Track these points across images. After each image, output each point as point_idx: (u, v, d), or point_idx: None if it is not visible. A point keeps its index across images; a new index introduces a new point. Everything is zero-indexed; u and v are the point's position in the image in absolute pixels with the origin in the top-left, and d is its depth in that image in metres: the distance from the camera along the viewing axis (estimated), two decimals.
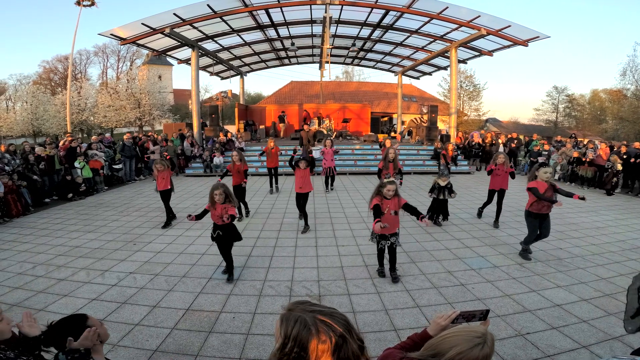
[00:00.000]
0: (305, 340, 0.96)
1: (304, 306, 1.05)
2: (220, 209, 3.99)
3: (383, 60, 19.20)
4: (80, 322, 1.50)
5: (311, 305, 1.05)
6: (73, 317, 1.56)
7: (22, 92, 28.87)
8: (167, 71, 44.10)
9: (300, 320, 0.99)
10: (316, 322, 0.98)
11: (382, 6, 11.63)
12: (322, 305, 1.07)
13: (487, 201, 6.49)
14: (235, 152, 6.74)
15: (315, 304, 1.07)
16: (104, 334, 1.57)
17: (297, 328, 0.98)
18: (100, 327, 1.54)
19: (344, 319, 1.03)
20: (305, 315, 1.00)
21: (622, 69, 26.33)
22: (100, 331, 1.53)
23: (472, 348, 1.07)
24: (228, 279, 4.05)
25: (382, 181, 4.04)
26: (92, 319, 1.56)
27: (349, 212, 7.15)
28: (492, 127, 32.83)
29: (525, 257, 4.69)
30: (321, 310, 1.02)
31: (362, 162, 13.00)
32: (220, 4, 11.04)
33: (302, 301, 1.09)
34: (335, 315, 1.02)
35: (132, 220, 6.68)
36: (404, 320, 3.22)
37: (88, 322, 1.52)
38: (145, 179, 11.74)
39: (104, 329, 1.59)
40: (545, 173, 4.51)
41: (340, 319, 1.01)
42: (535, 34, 11.34)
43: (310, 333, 0.96)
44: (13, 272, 4.31)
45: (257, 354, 2.75)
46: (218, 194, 3.98)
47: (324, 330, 0.96)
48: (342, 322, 1.01)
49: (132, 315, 3.31)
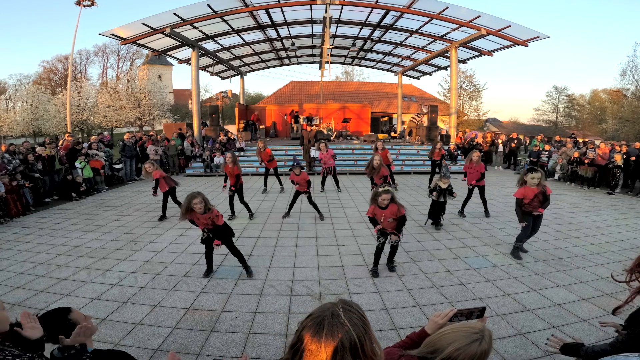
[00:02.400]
0: (308, 340, 0.98)
1: (330, 314, 1.01)
2: (204, 219, 3.82)
3: (383, 60, 19.21)
4: (63, 315, 1.51)
5: (339, 316, 1.00)
6: (56, 310, 1.56)
7: (22, 92, 28.86)
8: (167, 71, 44.13)
9: (316, 323, 1.00)
10: (325, 328, 0.98)
11: (382, 6, 11.64)
12: (346, 319, 1.00)
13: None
14: (229, 154, 6.54)
15: (341, 317, 1.00)
16: (90, 327, 1.56)
17: (309, 329, 1.00)
18: (85, 320, 1.54)
19: (353, 337, 0.97)
20: (325, 323, 0.98)
21: (622, 69, 26.46)
22: (87, 324, 1.53)
23: (470, 344, 1.08)
24: (248, 274, 4.13)
25: (377, 190, 4.00)
26: (75, 312, 1.56)
27: (349, 211, 7.16)
28: (492, 127, 32.84)
29: (516, 257, 4.66)
30: (333, 324, 0.98)
31: (362, 162, 12.99)
32: (220, 4, 11.05)
33: (349, 302, 1.05)
34: (349, 329, 0.97)
35: (132, 220, 6.68)
36: (405, 320, 3.23)
37: (70, 315, 1.53)
38: (146, 179, 11.72)
39: (90, 323, 1.57)
40: (532, 179, 4.35)
41: (347, 336, 0.96)
42: (535, 34, 11.35)
43: (315, 336, 0.97)
44: (14, 272, 4.32)
45: (259, 353, 2.76)
46: (197, 202, 3.68)
47: (327, 338, 0.96)
48: (348, 339, 0.96)
49: (133, 314, 3.32)
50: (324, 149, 8.70)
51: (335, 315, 0.99)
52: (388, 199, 3.87)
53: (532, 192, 4.42)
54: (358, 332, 0.97)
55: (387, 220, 3.98)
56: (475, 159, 6.48)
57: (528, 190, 4.43)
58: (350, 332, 0.96)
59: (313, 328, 0.98)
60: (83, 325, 1.41)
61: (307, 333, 0.98)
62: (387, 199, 3.86)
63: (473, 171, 6.52)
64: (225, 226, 4.07)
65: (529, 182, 4.42)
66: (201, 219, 3.84)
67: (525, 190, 4.45)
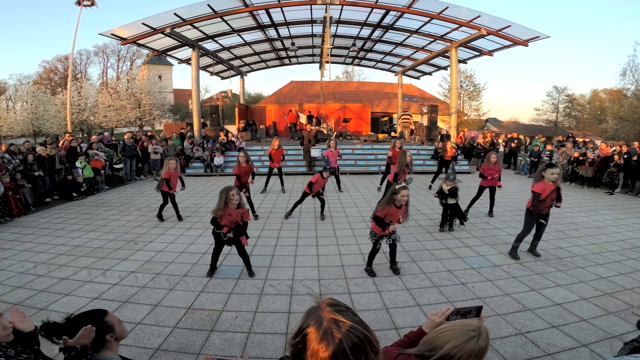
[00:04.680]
0: (310, 341, 0.96)
1: (333, 310, 0.99)
2: (236, 215, 3.80)
3: (383, 60, 19.21)
4: (98, 317, 1.51)
5: (340, 311, 0.99)
6: (92, 312, 1.56)
7: (22, 92, 28.88)
8: (168, 71, 44.15)
9: (318, 322, 0.97)
10: (327, 330, 0.95)
11: (383, 6, 11.64)
12: (351, 316, 0.99)
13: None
14: (242, 153, 6.55)
15: (345, 312, 0.99)
16: (120, 331, 1.58)
17: (311, 327, 0.97)
18: (117, 325, 1.56)
19: (360, 339, 0.95)
20: (324, 319, 0.97)
21: (622, 69, 26.45)
22: (117, 329, 1.55)
23: (468, 341, 1.08)
24: (250, 274, 4.11)
25: (394, 187, 3.86)
26: (110, 315, 1.57)
27: (349, 211, 7.16)
28: (492, 127, 32.86)
29: (514, 257, 4.66)
30: (339, 322, 0.96)
31: (362, 162, 13.02)
32: (220, 4, 11.06)
33: (336, 303, 1.02)
34: (351, 332, 0.95)
35: (133, 220, 6.69)
36: (405, 319, 3.24)
37: (106, 318, 1.53)
38: (146, 179, 11.74)
39: (121, 327, 1.60)
40: (552, 174, 4.36)
41: (355, 337, 0.94)
42: (535, 33, 11.36)
43: (317, 337, 0.95)
44: (14, 272, 4.32)
45: (259, 352, 2.77)
46: (234, 193, 3.73)
47: (327, 340, 0.94)
48: (355, 340, 0.94)
49: (133, 314, 3.32)
50: (333, 146, 8.65)
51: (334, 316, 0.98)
52: (408, 195, 3.80)
53: (549, 188, 4.39)
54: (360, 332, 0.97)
55: (397, 220, 3.92)
56: (494, 160, 6.48)
57: (547, 185, 4.40)
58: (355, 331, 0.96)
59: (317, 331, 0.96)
60: (87, 327, 1.41)
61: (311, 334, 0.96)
62: (407, 194, 3.79)
63: (493, 172, 6.50)
64: (245, 227, 4.09)
65: (547, 177, 4.39)
66: (233, 214, 3.82)
67: (544, 186, 4.41)
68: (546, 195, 4.42)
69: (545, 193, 4.42)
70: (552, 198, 4.43)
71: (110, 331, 1.51)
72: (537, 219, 4.56)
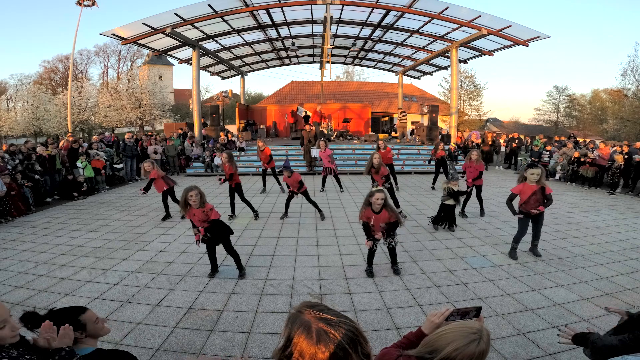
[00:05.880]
0: (305, 347, 0.95)
1: (314, 311, 1.00)
2: (200, 214, 3.78)
3: (384, 60, 19.21)
4: (74, 315, 1.51)
5: (322, 310, 1.01)
6: (70, 309, 1.56)
7: (23, 92, 28.91)
8: (168, 71, 44.15)
9: (305, 326, 0.97)
10: (320, 331, 0.95)
11: (383, 6, 11.65)
12: (334, 312, 1.01)
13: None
14: (224, 153, 6.54)
15: (327, 309, 1.02)
16: (94, 330, 1.56)
17: (300, 333, 0.97)
18: (91, 323, 1.54)
19: (351, 331, 0.97)
20: (311, 322, 0.97)
21: (623, 69, 26.51)
22: (90, 327, 1.53)
23: (469, 344, 1.08)
24: (240, 275, 4.07)
25: (370, 190, 3.83)
26: (89, 313, 1.56)
27: (349, 211, 7.16)
28: (492, 126, 32.83)
29: (513, 257, 4.65)
30: (328, 319, 0.98)
31: (362, 162, 12.99)
32: (221, 3, 11.07)
33: (314, 304, 1.04)
34: (342, 326, 0.97)
35: (133, 220, 6.69)
36: (405, 319, 3.23)
37: (81, 316, 1.52)
38: (146, 179, 11.72)
39: (98, 326, 1.58)
40: (532, 174, 4.35)
41: (348, 331, 0.96)
42: (535, 33, 11.35)
43: (311, 341, 0.95)
44: (15, 271, 4.33)
45: (260, 352, 2.77)
46: (193, 194, 3.68)
47: (325, 340, 0.94)
48: (349, 334, 0.96)
49: (134, 314, 3.33)
50: (323, 147, 8.75)
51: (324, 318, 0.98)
52: (382, 199, 3.70)
53: (530, 189, 4.39)
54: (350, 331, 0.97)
55: (379, 226, 3.87)
56: (475, 157, 6.47)
57: (526, 187, 4.42)
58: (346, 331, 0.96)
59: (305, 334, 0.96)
60: (65, 326, 1.38)
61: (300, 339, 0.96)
62: (381, 198, 3.69)
63: (472, 170, 6.52)
64: (222, 223, 4.06)
65: (528, 178, 4.41)
66: (197, 214, 3.82)
67: (523, 187, 4.45)
68: (527, 196, 4.41)
69: (525, 194, 4.41)
70: (537, 199, 4.39)
71: (80, 329, 1.50)
72: (523, 218, 4.54)
